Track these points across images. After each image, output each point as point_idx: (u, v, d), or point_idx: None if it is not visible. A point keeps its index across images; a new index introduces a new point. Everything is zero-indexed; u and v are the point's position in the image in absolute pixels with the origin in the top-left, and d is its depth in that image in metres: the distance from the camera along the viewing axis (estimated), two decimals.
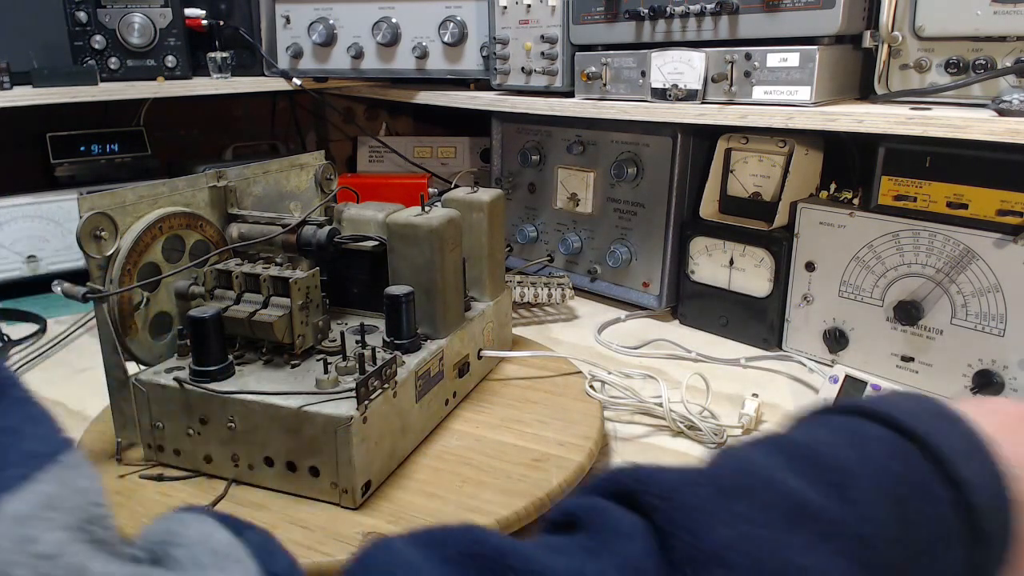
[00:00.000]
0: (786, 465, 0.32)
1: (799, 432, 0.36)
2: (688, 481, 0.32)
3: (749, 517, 0.30)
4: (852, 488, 0.32)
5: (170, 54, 1.27)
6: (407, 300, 0.70)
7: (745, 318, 1.00)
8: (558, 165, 1.19)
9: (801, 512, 0.30)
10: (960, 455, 0.33)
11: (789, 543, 0.29)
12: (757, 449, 0.35)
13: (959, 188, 0.80)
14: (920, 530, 0.32)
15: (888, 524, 0.31)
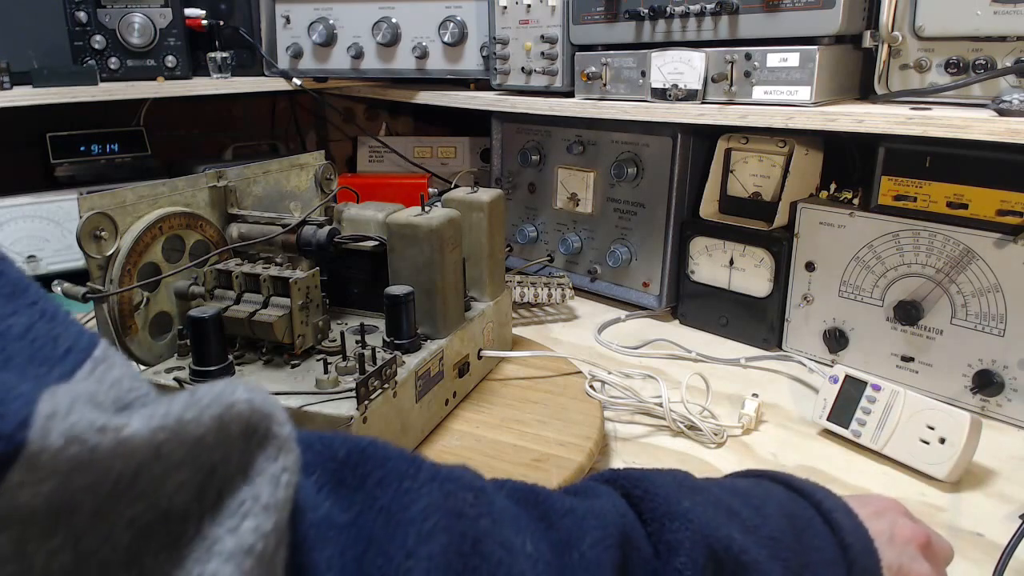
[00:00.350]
0: (715, 486, 0.41)
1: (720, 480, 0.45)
2: (651, 478, 0.39)
3: (702, 502, 0.38)
4: (762, 509, 0.40)
5: (170, 54, 1.26)
6: (407, 300, 0.70)
7: (745, 318, 1.00)
8: (558, 165, 1.19)
9: (734, 514, 0.39)
10: (835, 509, 0.42)
11: (729, 526, 0.37)
12: (690, 478, 0.42)
13: (959, 188, 0.80)
14: (810, 551, 0.39)
15: (789, 537, 0.39)
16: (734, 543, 0.36)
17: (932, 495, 0.67)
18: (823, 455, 0.74)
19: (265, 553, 0.23)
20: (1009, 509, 0.65)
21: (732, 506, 0.39)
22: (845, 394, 0.75)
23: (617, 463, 0.72)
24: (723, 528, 0.37)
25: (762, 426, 0.79)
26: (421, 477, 0.30)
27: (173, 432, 0.23)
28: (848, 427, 0.74)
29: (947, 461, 0.67)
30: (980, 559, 0.59)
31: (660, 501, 0.37)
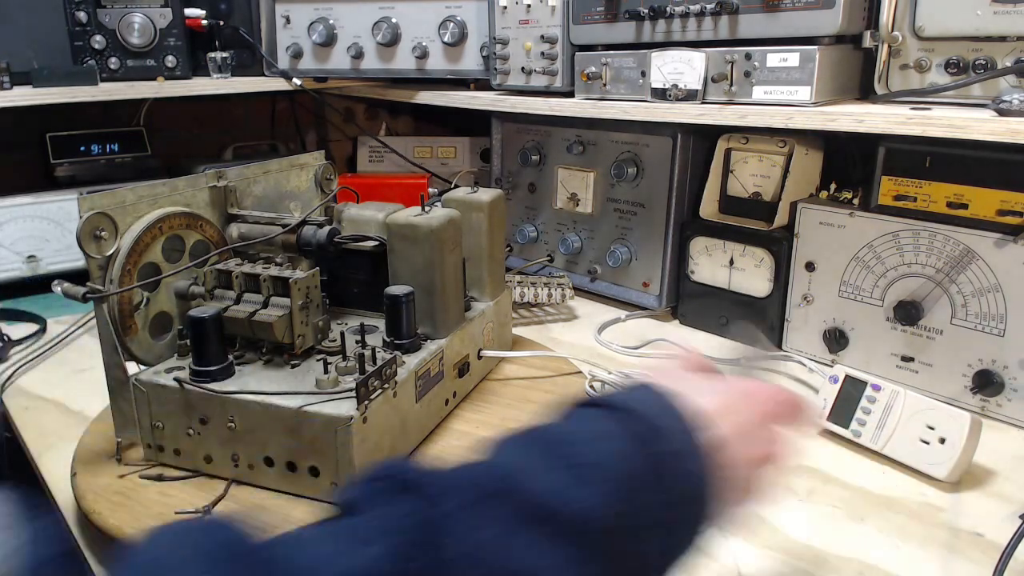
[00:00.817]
0: (540, 462, 0.37)
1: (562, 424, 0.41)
2: (454, 485, 0.36)
3: (496, 521, 0.34)
4: (587, 473, 0.37)
5: (170, 54, 1.26)
6: (407, 300, 0.70)
7: (745, 318, 1.00)
8: (558, 165, 1.19)
9: (539, 513, 0.35)
10: (662, 421, 0.40)
11: (519, 544, 0.34)
12: (522, 445, 0.40)
13: (959, 188, 0.80)
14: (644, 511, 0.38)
15: (613, 495, 0.37)
16: (511, 567, 0.34)
17: (932, 495, 0.67)
18: (823, 455, 0.74)
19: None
20: (1009, 509, 0.65)
21: (544, 501, 0.35)
22: (845, 394, 0.75)
23: None
24: (510, 552, 0.34)
25: None
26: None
27: None
28: (848, 427, 0.74)
29: (947, 461, 0.67)
30: (980, 559, 0.59)
31: (430, 551, 0.33)
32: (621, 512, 0.36)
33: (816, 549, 0.60)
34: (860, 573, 0.58)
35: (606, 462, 0.37)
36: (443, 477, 0.38)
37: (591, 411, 0.41)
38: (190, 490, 0.63)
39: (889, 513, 0.65)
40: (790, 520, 0.64)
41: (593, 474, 0.36)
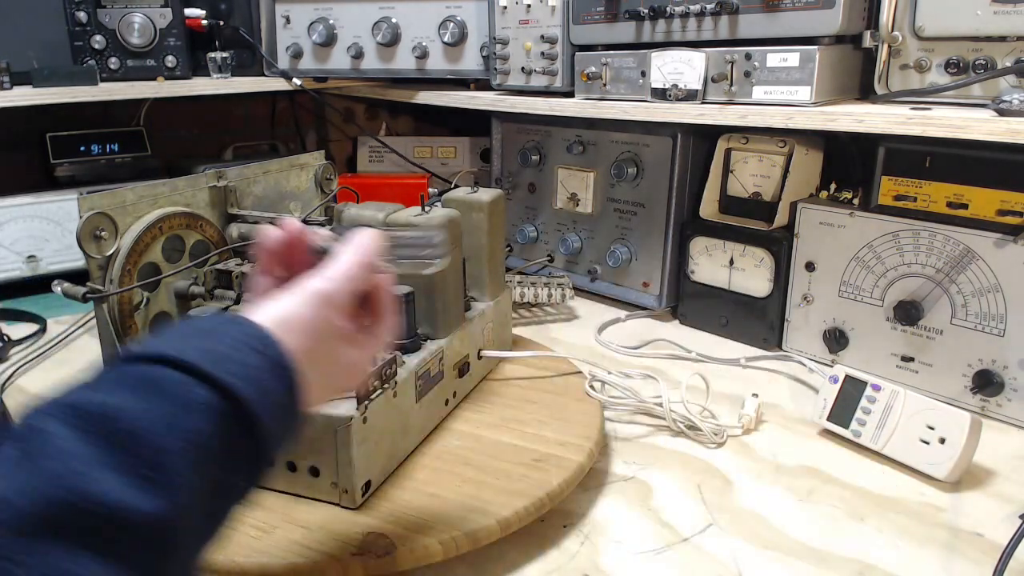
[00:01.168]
0: (110, 461, 0.32)
1: (121, 405, 0.34)
2: (5, 505, 0.30)
3: (49, 549, 0.29)
4: (167, 473, 0.33)
5: (170, 54, 1.26)
6: (407, 300, 0.70)
7: (745, 318, 1.00)
8: (558, 165, 1.19)
9: (108, 523, 0.31)
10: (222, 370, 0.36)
11: (83, 562, 0.30)
12: (81, 444, 0.33)
13: (959, 188, 0.80)
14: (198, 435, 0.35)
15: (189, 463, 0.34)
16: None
17: (932, 495, 0.67)
18: (823, 455, 0.74)
19: None
20: (1009, 509, 0.65)
21: (112, 505, 0.31)
22: (845, 394, 0.75)
23: (617, 463, 0.72)
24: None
25: (762, 426, 0.79)
26: None
27: None
28: (848, 427, 0.74)
29: (947, 461, 0.67)
30: (980, 559, 0.59)
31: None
32: (188, 504, 0.34)
33: (816, 549, 0.60)
34: (860, 573, 0.58)
35: (171, 447, 0.34)
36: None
37: (138, 371, 0.37)
38: None
39: (889, 513, 0.65)
40: (790, 520, 0.64)
41: (160, 471, 0.33)
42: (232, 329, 0.39)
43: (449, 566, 0.58)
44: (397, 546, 0.55)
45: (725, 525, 0.63)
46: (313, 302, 0.43)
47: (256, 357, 0.38)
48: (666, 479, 0.70)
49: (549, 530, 0.62)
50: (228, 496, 0.38)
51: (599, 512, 0.65)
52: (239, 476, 0.38)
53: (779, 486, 0.69)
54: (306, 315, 0.43)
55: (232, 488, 0.38)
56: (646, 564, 0.58)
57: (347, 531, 0.57)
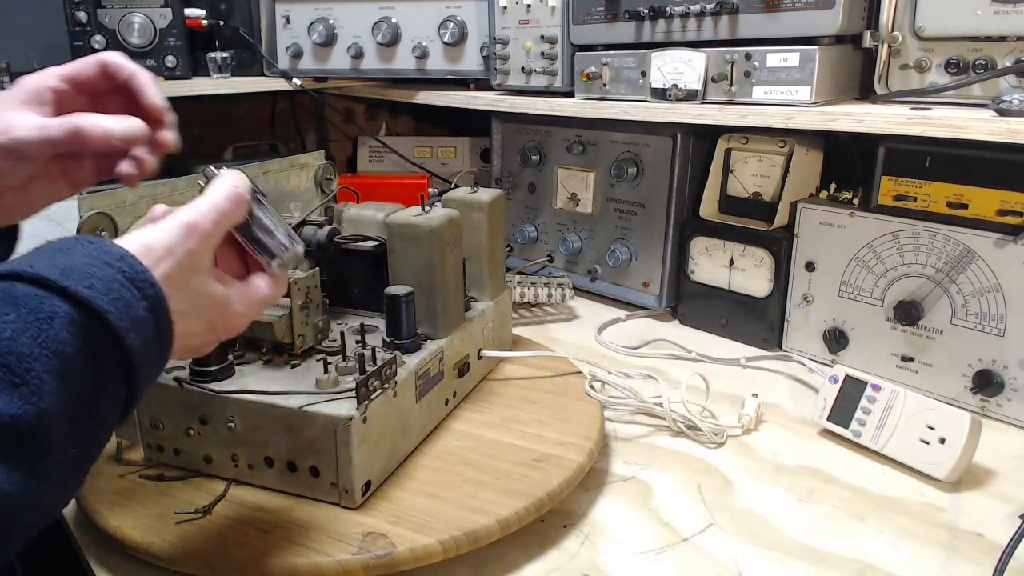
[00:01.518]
0: None
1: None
2: None
3: None
4: (30, 375, 0.34)
5: (170, 54, 1.26)
6: (407, 300, 0.70)
7: (745, 318, 1.00)
8: (558, 165, 1.19)
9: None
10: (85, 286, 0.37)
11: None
12: None
13: (959, 188, 0.80)
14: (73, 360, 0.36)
15: (58, 390, 0.35)
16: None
17: (932, 495, 0.67)
18: (823, 455, 0.74)
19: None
20: (1009, 509, 0.65)
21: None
22: (845, 394, 0.75)
23: (617, 463, 0.72)
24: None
25: (762, 426, 0.79)
26: None
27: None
28: (848, 427, 0.74)
29: (947, 461, 0.67)
30: (980, 559, 0.59)
31: None
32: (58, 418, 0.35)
33: (816, 549, 0.60)
34: (860, 573, 0.58)
35: (32, 353, 0.34)
36: None
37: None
38: (190, 490, 0.63)
39: (889, 513, 0.65)
40: (790, 520, 0.64)
41: (23, 376, 0.34)
42: (88, 248, 0.39)
43: (449, 566, 0.58)
44: (397, 546, 0.55)
45: (725, 525, 0.63)
46: (177, 231, 0.44)
47: (111, 272, 0.38)
48: (666, 479, 0.70)
49: (549, 530, 0.62)
50: (98, 410, 0.38)
51: (599, 512, 0.65)
52: (109, 389, 0.38)
53: (779, 486, 0.69)
54: (168, 241, 0.43)
55: (101, 400, 0.38)
56: (646, 564, 0.58)
57: (347, 531, 0.57)
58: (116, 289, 0.38)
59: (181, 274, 0.43)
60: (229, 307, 0.47)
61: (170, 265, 0.42)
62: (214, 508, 0.60)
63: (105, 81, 0.53)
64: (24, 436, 0.33)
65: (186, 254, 0.43)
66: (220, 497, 0.61)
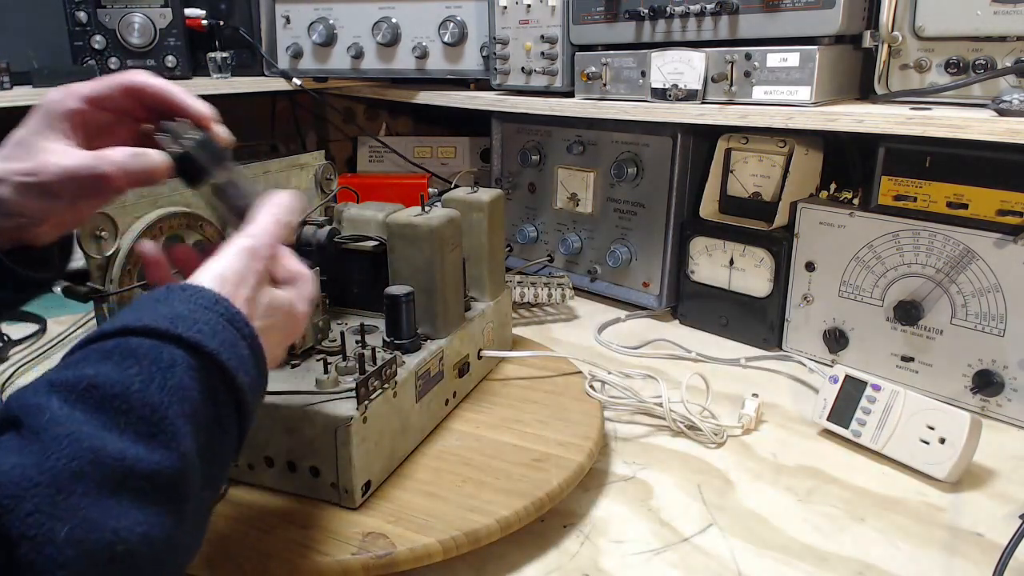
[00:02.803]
0: (109, 424, 0.34)
1: (100, 373, 0.36)
2: (30, 482, 0.31)
3: (83, 504, 0.32)
4: (165, 424, 0.35)
5: (170, 54, 1.26)
6: (407, 300, 0.70)
7: (745, 318, 1.00)
8: (558, 165, 1.19)
9: (127, 475, 0.33)
10: (201, 332, 0.39)
11: (116, 512, 0.32)
12: (78, 411, 0.34)
13: (959, 188, 0.80)
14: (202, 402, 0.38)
15: (190, 428, 0.37)
16: (116, 536, 0.32)
17: (932, 495, 0.67)
18: (823, 455, 0.74)
19: None
20: (1009, 509, 0.65)
21: (125, 462, 0.34)
22: (845, 394, 0.75)
23: (617, 463, 0.72)
24: (107, 522, 0.32)
25: (762, 426, 0.79)
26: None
27: None
28: (848, 427, 0.74)
29: (947, 461, 0.67)
30: (980, 559, 0.59)
31: (30, 549, 0.30)
32: (191, 454, 0.36)
33: (816, 549, 0.60)
34: (860, 573, 0.58)
35: (162, 403, 0.36)
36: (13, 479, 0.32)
37: (113, 345, 0.38)
38: None
39: (889, 513, 0.65)
40: (790, 520, 0.64)
41: (159, 426, 0.35)
42: (183, 295, 0.41)
43: (449, 566, 0.58)
44: (397, 546, 0.55)
45: (725, 525, 0.63)
46: (241, 256, 0.46)
47: (212, 315, 0.40)
48: (666, 479, 0.70)
49: (549, 530, 0.62)
50: (221, 449, 0.40)
51: (599, 512, 0.65)
52: (227, 429, 0.40)
53: (779, 486, 0.69)
54: (238, 267, 0.45)
55: (223, 441, 0.40)
56: (646, 564, 0.58)
57: (347, 531, 0.57)
58: (220, 331, 0.40)
59: (255, 294, 0.45)
60: (295, 309, 0.49)
61: (244, 289, 0.45)
62: (214, 507, 0.60)
63: (130, 100, 0.53)
64: (168, 484, 0.35)
65: (253, 272, 0.46)
66: (220, 497, 0.61)
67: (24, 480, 0.31)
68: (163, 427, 0.35)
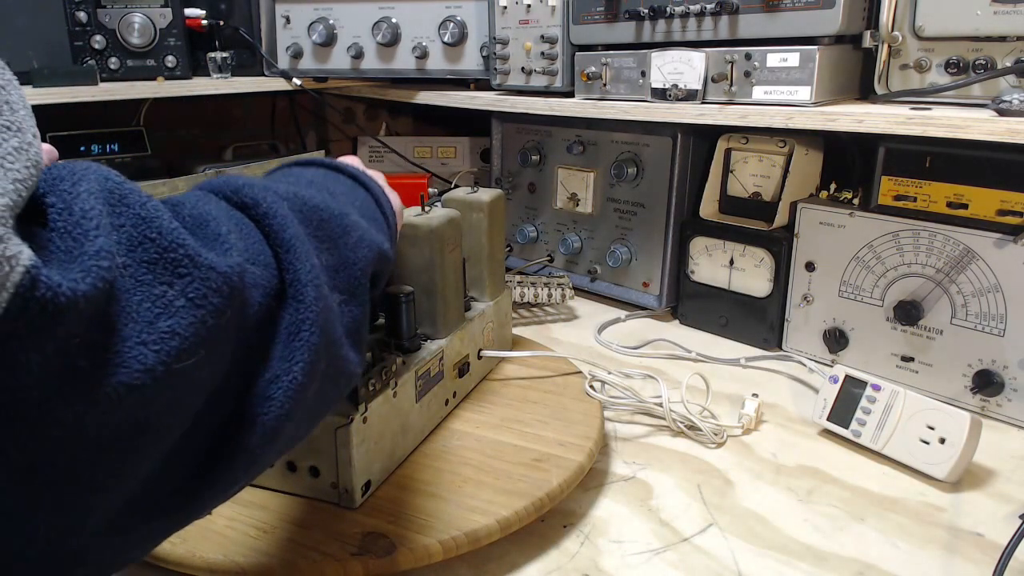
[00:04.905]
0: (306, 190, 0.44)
1: (298, 182, 0.47)
2: (265, 188, 0.40)
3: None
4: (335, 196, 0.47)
5: (170, 54, 1.26)
6: (407, 300, 0.70)
7: (745, 318, 1.00)
8: (558, 165, 1.19)
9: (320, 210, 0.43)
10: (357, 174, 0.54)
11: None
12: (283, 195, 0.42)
13: (959, 188, 0.80)
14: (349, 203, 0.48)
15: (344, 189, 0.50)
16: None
17: (932, 495, 0.67)
18: (823, 455, 0.74)
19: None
20: (1009, 509, 0.65)
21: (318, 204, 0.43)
22: (845, 394, 0.75)
23: (617, 463, 0.72)
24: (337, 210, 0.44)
25: (762, 426, 0.79)
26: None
27: None
28: (848, 427, 0.74)
29: (947, 461, 0.67)
30: (980, 559, 0.59)
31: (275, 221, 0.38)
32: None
33: (816, 549, 0.60)
34: (860, 573, 0.58)
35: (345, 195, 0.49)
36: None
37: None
38: None
39: (889, 513, 0.65)
40: (790, 520, 0.64)
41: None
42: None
43: (449, 566, 0.58)
44: (397, 546, 0.55)
45: (725, 525, 0.63)
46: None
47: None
48: (666, 479, 0.70)
49: (549, 530, 0.62)
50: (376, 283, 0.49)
51: (599, 512, 0.65)
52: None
53: (779, 486, 0.69)
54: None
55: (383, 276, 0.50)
56: (646, 564, 0.58)
57: (347, 531, 0.57)
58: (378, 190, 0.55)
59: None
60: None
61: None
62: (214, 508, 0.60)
63: None
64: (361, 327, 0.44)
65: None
66: None
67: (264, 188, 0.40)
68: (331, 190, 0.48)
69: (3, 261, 0.22)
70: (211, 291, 0.29)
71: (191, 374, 0.29)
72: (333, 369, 0.39)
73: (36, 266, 0.23)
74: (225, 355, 0.32)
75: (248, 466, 0.34)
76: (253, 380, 0.34)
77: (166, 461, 0.30)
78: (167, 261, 0.28)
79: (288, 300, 0.35)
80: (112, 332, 0.26)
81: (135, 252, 0.28)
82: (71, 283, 0.24)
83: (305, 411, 0.37)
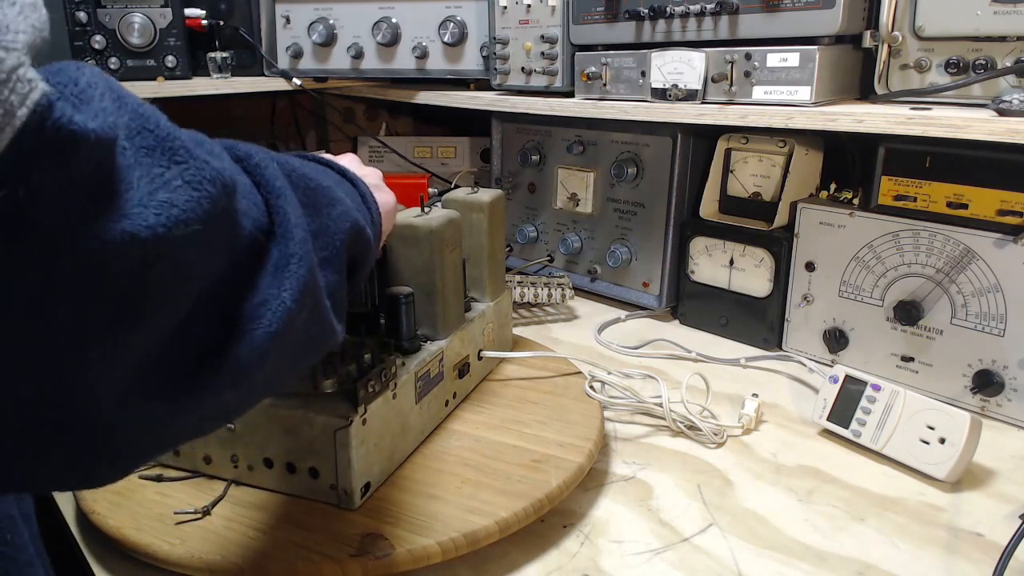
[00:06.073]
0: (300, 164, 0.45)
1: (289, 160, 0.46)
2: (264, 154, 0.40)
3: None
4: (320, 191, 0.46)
5: (170, 54, 1.26)
6: (407, 301, 0.70)
7: (745, 318, 1.00)
8: (558, 165, 1.19)
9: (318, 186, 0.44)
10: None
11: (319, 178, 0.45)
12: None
13: (959, 188, 0.80)
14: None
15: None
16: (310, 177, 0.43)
17: (932, 495, 0.67)
18: (823, 455, 0.74)
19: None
20: (1009, 509, 0.65)
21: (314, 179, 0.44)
22: (845, 394, 0.75)
23: (617, 463, 0.72)
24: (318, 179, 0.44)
25: (762, 426, 0.79)
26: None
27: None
28: (848, 427, 0.74)
29: (947, 461, 0.67)
30: (980, 559, 0.59)
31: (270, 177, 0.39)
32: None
33: (816, 549, 0.60)
34: (860, 573, 0.58)
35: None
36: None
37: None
38: (189, 490, 0.63)
39: (889, 513, 0.65)
40: (790, 520, 0.64)
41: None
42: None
43: (448, 567, 0.58)
44: (396, 547, 0.55)
45: (725, 525, 0.63)
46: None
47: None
48: (666, 479, 0.70)
49: (549, 530, 0.62)
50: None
51: (599, 512, 0.65)
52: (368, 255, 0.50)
53: (779, 486, 0.69)
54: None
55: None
56: (646, 564, 0.58)
57: (346, 532, 0.57)
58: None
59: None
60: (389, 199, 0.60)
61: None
62: (214, 508, 0.60)
63: None
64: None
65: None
66: (220, 498, 0.61)
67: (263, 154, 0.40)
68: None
69: (24, 81, 0.23)
70: (206, 180, 0.31)
71: (189, 249, 0.30)
72: (318, 315, 0.40)
73: (53, 96, 0.24)
74: (219, 250, 0.32)
75: (233, 381, 0.34)
76: (241, 303, 0.35)
77: (157, 355, 0.31)
78: (165, 149, 0.30)
79: (277, 238, 0.37)
80: (115, 189, 0.27)
81: (134, 140, 0.29)
82: (83, 119, 0.25)
83: (291, 344, 0.38)
